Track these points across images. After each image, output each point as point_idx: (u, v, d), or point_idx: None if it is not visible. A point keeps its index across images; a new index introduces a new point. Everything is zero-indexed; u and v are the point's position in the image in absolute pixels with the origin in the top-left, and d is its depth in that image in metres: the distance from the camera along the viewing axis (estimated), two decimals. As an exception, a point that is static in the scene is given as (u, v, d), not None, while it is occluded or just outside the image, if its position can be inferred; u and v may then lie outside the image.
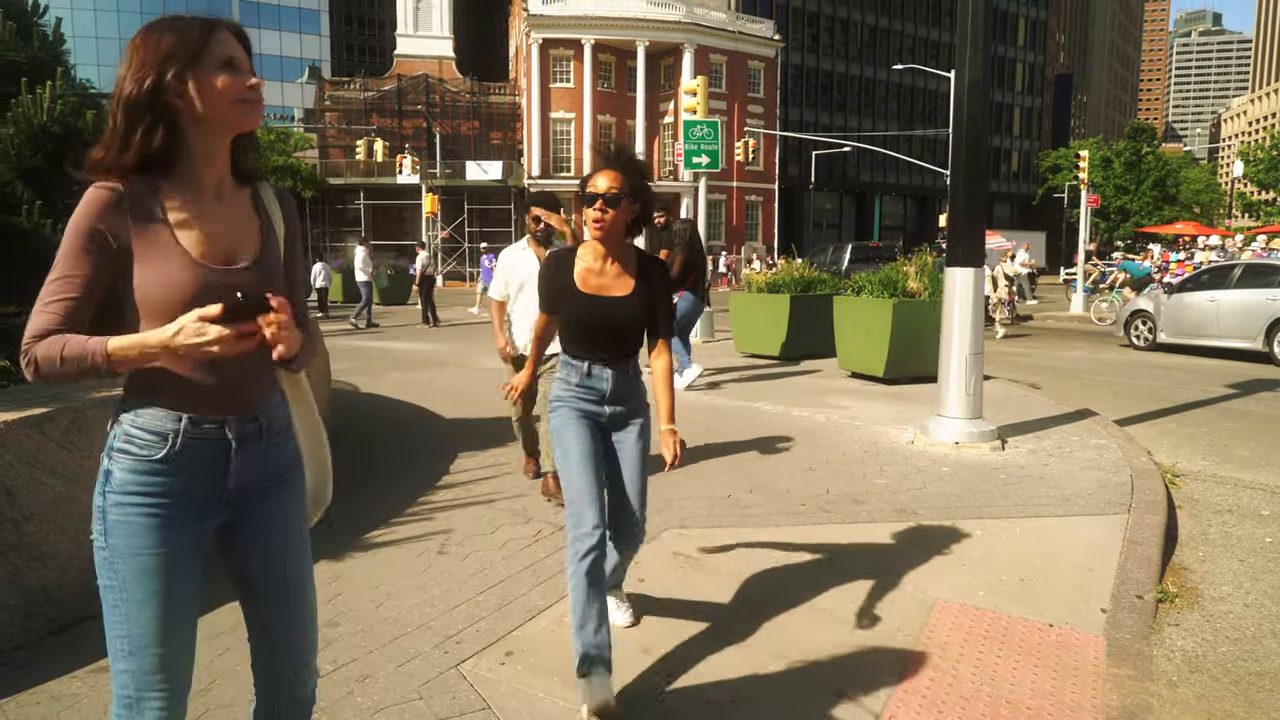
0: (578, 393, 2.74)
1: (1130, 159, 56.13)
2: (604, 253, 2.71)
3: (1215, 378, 10.24)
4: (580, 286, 2.69)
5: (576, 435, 2.70)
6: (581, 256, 2.75)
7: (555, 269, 2.76)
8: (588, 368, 2.72)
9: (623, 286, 2.70)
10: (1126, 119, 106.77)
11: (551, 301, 2.81)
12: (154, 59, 1.50)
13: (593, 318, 2.69)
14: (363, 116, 48.62)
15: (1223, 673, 2.99)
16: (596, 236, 2.64)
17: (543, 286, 2.84)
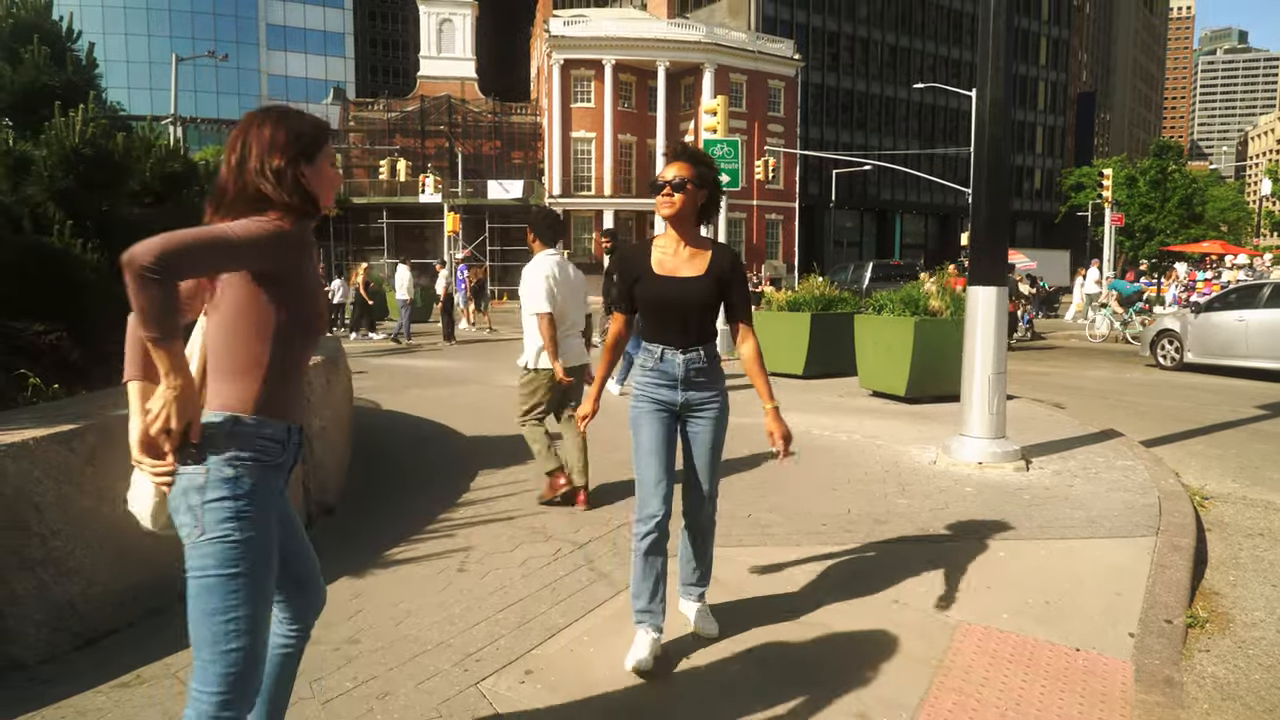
0: (652, 378, 2.94)
1: (1155, 177, 55.61)
2: (677, 238, 2.92)
3: (1244, 398, 10.08)
4: (655, 269, 2.89)
5: (649, 427, 2.91)
6: (657, 245, 2.96)
7: (631, 258, 2.95)
8: (661, 352, 2.91)
9: (694, 268, 2.89)
10: (1151, 137, 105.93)
11: (627, 295, 2.95)
12: (290, 146, 1.84)
13: (663, 297, 2.87)
14: (386, 137, 49.26)
15: (1256, 701, 2.93)
16: (666, 215, 2.86)
17: (618, 280, 2.97)
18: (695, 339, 2.92)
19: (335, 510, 4.84)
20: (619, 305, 3.01)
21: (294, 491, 4.35)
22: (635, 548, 2.90)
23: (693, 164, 2.87)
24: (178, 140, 11.20)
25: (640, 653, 2.85)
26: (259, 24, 68.67)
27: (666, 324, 2.90)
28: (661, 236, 2.98)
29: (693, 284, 2.87)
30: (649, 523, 2.86)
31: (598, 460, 6.11)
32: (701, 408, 2.97)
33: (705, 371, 2.94)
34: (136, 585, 3.24)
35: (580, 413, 3.10)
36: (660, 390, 2.93)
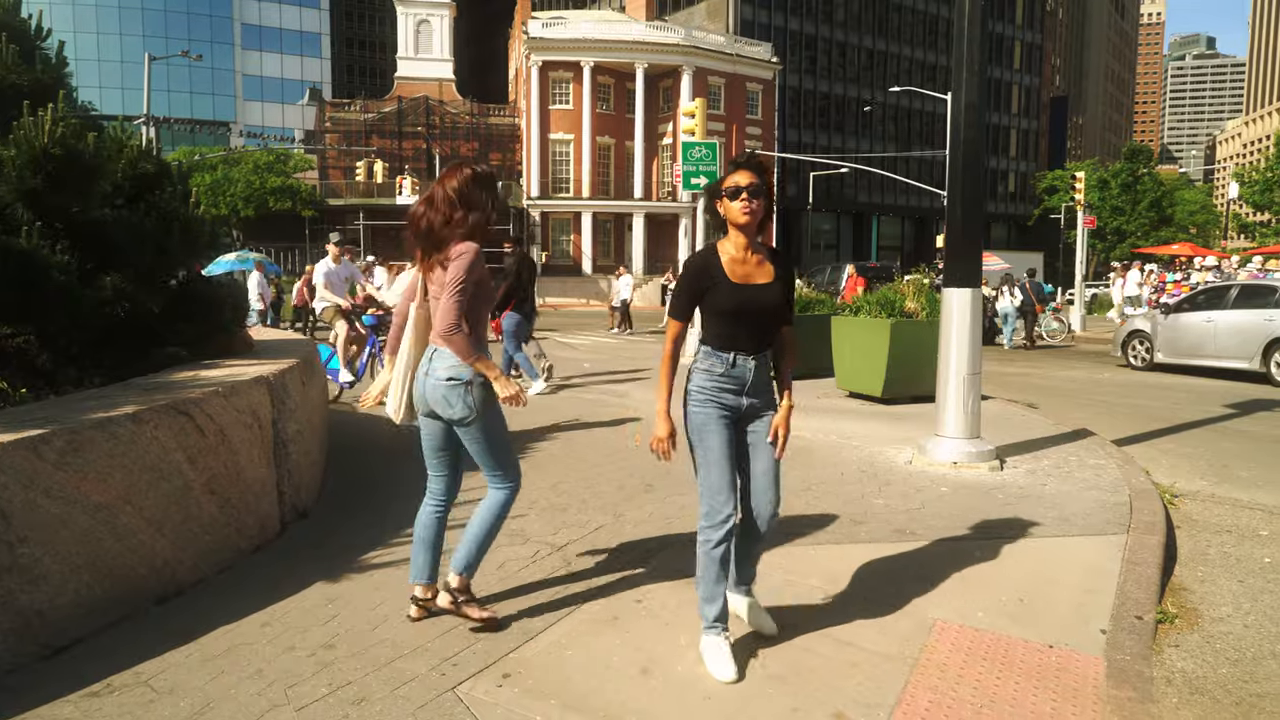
0: (721, 383, 2.94)
1: (1127, 180, 56.45)
2: (745, 244, 2.93)
3: (1213, 398, 10.25)
4: (730, 276, 2.89)
5: (719, 434, 2.93)
6: (724, 250, 2.94)
7: (703, 265, 2.92)
8: (733, 358, 2.93)
9: (765, 275, 2.95)
10: (1122, 141, 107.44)
11: (692, 304, 2.96)
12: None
13: (742, 303, 2.90)
14: (363, 138, 48.97)
15: (1224, 694, 2.98)
16: (744, 222, 2.87)
17: (685, 287, 2.96)
18: (766, 344, 3.00)
19: (310, 514, 4.80)
20: (681, 313, 2.98)
21: (267, 496, 4.31)
22: (709, 554, 2.90)
23: (759, 173, 2.91)
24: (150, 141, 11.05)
25: (729, 662, 2.87)
26: (234, 23, 67.98)
27: (741, 330, 2.92)
28: (725, 241, 2.96)
29: (768, 290, 2.94)
30: (723, 528, 2.88)
31: (564, 468, 6.12)
32: (764, 412, 3.03)
33: (768, 374, 3.05)
34: (106, 592, 3.19)
35: (659, 434, 2.96)
36: (727, 395, 2.95)
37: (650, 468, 5.97)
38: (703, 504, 2.93)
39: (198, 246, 5.48)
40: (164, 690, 2.75)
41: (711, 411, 2.94)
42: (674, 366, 3.00)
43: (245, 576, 3.80)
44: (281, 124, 67.51)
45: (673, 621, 3.32)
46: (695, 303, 2.95)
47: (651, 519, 4.68)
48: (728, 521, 2.88)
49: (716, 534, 2.88)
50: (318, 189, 48.27)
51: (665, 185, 48.89)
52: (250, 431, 4.10)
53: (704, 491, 2.92)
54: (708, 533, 2.90)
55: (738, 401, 2.96)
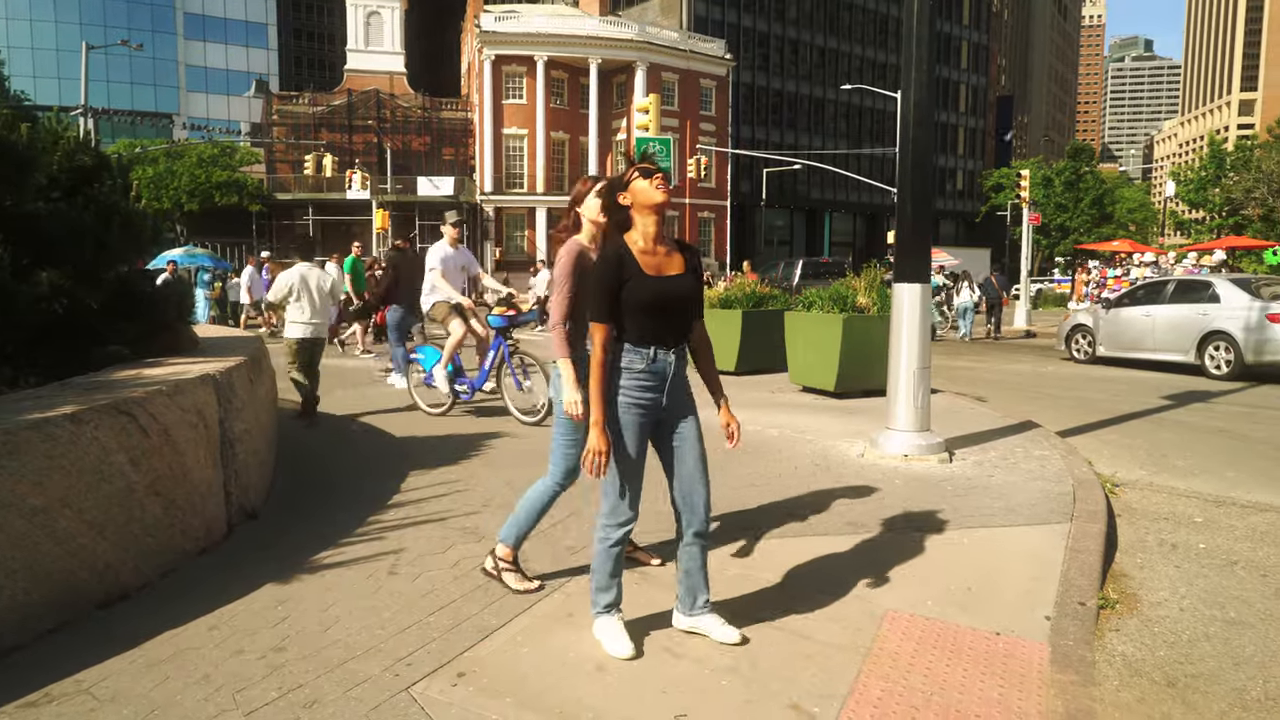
0: (641, 380, 2.91)
1: (1070, 178, 57.97)
2: (655, 234, 2.92)
3: (1151, 389, 10.58)
4: (644, 268, 2.87)
5: (636, 439, 2.93)
6: (633, 243, 2.91)
7: (616, 258, 2.86)
8: (654, 353, 2.91)
9: (676, 265, 2.95)
10: (1065, 140, 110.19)
11: (612, 305, 2.87)
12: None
13: (662, 296, 2.87)
14: (311, 131, 48.03)
15: (1161, 676, 3.08)
16: (663, 200, 2.88)
17: (602, 288, 2.86)
18: (684, 338, 3.00)
19: (259, 515, 4.71)
20: (605, 313, 2.85)
21: (214, 497, 4.22)
22: (609, 551, 2.99)
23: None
24: (88, 133, 10.68)
25: (625, 640, 2.98)
26: (176, 12, 66.06)
27: (661, 324, 2.90)
28: (631, 235, 2.91)
29: (682, 281, 2.93)
30: (624, 528, 2.99)
31: (520, 464, 6.09)
32: (685, 408, 3.02)
33: (684, 369, 3.03)
34: (45, 598, 3.09)
35: (597, 449, 2.84)
36: (648, 394, 2.92)
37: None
38: (606, 502, 2.98)
39: (140, 242, 5.33)
40: (105, 698, 2.68)
41: (633, 416, 2.91)
42: (609, 373, 2.89)
43: (191, 579, 3.72)
44: (227, 116, 65.89)
45: (628, 619, 3.32)
46: (614, 299, 2.86)
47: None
48: (629, 523, 2.99)
49: (617, 533, 2.98)
50: (265, 183, 47.24)
51: (620, 181, 48.82)
52: (196, 431, 4.01)
53: (610, 490, 2.96)
54: (609, 530, 2.98)
55: (657, 400, 2.94)
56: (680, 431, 3.02)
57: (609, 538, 2.99)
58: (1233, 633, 3.45)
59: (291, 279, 7.72)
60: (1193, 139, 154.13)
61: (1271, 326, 11.17)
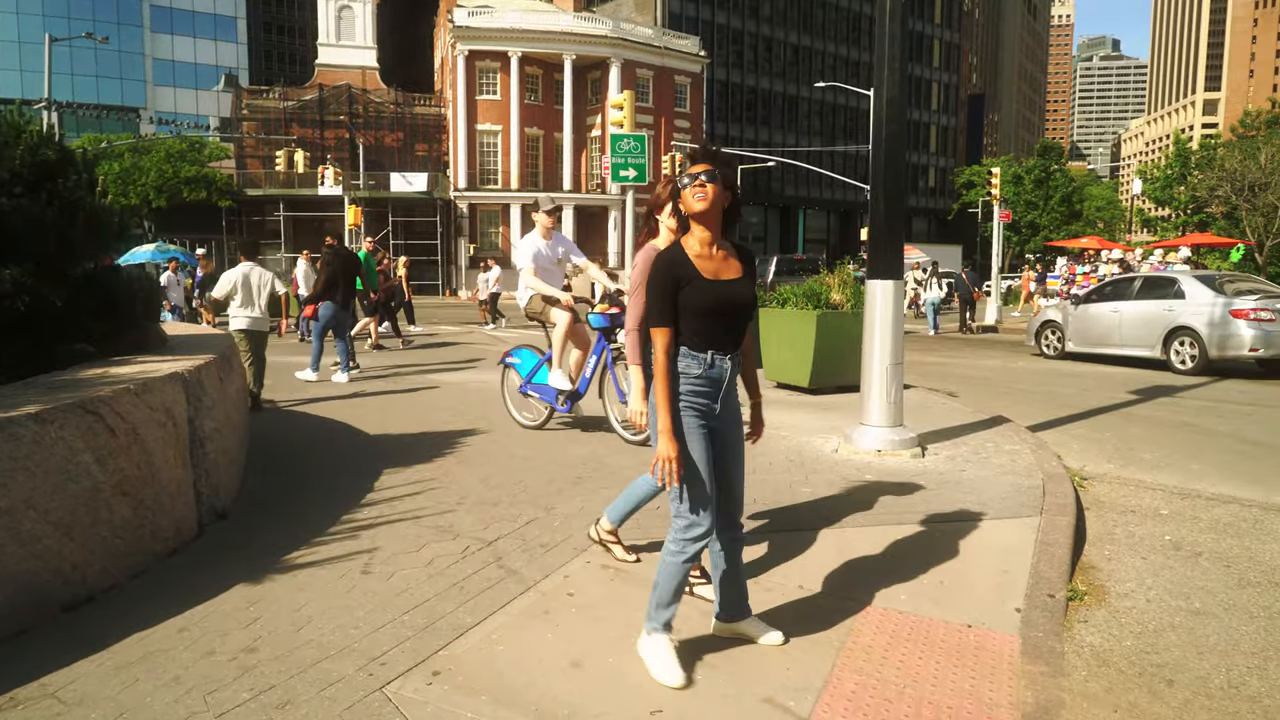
0: (697, 386, 2.81)
1: (1039, 176, 58.71)
2: (709, 239, 2.81)
3: (1119, 384, 10.75)
4: (702, 273, 2.76)
5: (701, 442, 2.81)
6: (689, 246, 2.81)
7: (673, 260, 2.77)
8: (711, 358, 2.81)
9: (733, 270, 2.84)
10: (1035, 138, 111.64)
11: (672, 305, 2.75)
12: None
13: (721, 301, 2.78)
14: (282, 126, 47.48)
15: (1128, 665, 3.13)
16: (701, 210, 2.75)
17: (658, 292, 2.76)
18: (739, 343, 2.91)
19: (230, 514, 4.65)
20: (666, 318, 2.75)
21: (183, 497, 4.16)
22: (682, 566, 2.81)
23: (713, 161, 2.80)
24: (52, 126, 10.44)
25: (677, 666, 2.79)
26: (142, 4, 64.96)
27: (719, 329, 2.80)
28: (689, 238, 2.82)
29: (741, 285, 2.84)
30: (702, 541, 2.81)
31: (493, 462, 6.07)
32: (734, 413, 2.96)
33: (736, 379, 2.98)
34: (9, 600, 3.04)
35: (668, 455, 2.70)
36: (702, 400, 2.82)
37: (578, 461, 5.97)
38: (683, 516, 2.80)
39: (105, 238, 5.24)
40: (72, 701, 2.63)
41: (692, 419, 2.79)
42: (674, 378, 2.79)
43: (161, 581, 3.66)
44: (195, 111, 64.94)
45: (605, 616, 3.32)
46: (674, 302, 2.74)
47: (582, 512, 4.68)
48: (708, 535, 2.81)
49: (694, 547, 2.79)
50: (235, 179, 46.60)
51: (594, 177, 48.77)
52: (164, 430, 3.95)
53: (685, 503, 2.79)
54: (685, 545, 2.79)
55: (711, 407, 2.84)
56: (733, 438, 2.94)
57: (684, 552, 2.80)
58: (1197, 623, 3.52)
59: (235, 277, 8.45)
60: (1159, 137, 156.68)
61: (1235, 322, 11.40)
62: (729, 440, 2.94)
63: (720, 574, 3.04)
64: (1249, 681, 3.01)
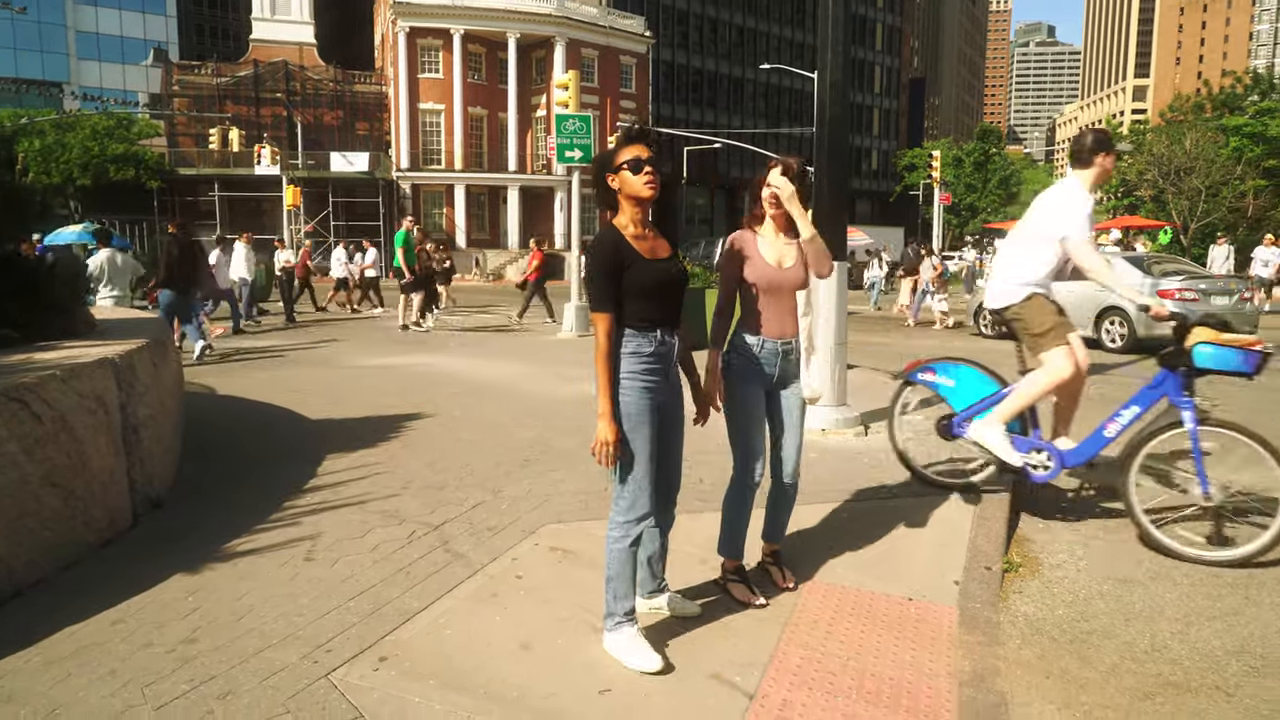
0: (650, 364, 2.80)
1: (979, 159, 59.98)
2: (642, 219, 2.85)
3: (1053, 363, 11.06)
4: (642, 254, 2.80)
5: (651, 426, 2.80)
6: (624, 228, 2.82)
7: (616, 250, 2.76)
8: (661, 335, 2.83)
9: (665, 249, 2.90)
10: (974, 121, 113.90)
11: (616, 289, 2.74)
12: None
13: (662, 279, 2.82)
14: (216, 103, 45.96)
15: (1059, 633, 3.26)
16: (650, 196, 2.79)
17: (603, 275, 2.73)
18: (679, 321, 2.96)
19: (166, 503, 4.52)
20: (610, 302, 2.74)
21: (116, 486, 4.03)
22: (628, 551, 2.82)
23: (653, 146, 2.84)
24: (-35, 101, 9.83)
25: (651, 651, 2.79)
26: (62, -26, 61.96)
27: (663, 307, 2.83)
28: (621, 219, 2.82)
29: (675, 264, 2.90)
30: (644, 523, 2.84)
31: (440, 445, 6.02)
32: (678, 391, 3.01)
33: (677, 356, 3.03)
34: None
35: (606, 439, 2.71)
36: (655, 378, 2.82)
37: (525, 444, 5.94)
38: (625, 497, 2.79)
39: (26, 218, 5.03)
40: (1, 699, 2.55)
41: (646, 402, 2.78)
42: (615, 363, 2.76)
43: (94, 573, 3.56)
44: (123, 86, 62.30)
45: (554, 598, 3.33)
46: (618, 286, 2.74)
47: (530, 495, 4.67)
48: (648, 518, 2.82)
49: (638, 528, 2.80)
50: (166, 157, 44.98)
51: (540, 158, 48.29)
52: (95, 418, 3.82)
53: (628, 484, 2.78)
54: (628, 527, 2.79)
55: (662, 384, 2.84)
56: (674, 416, 2.96)
57: (629, 534, 2.80)
58: (1124, 590, 3.67)
59: (100, 260, 9.50)
60: (1092, 122, 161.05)
61: (1161, 302, 11.82)
62: (674, 420, 2.97)
63: (648, 553, 3.08)
64: (1171, 645, 3.15)
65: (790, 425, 3.36)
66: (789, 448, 3.36)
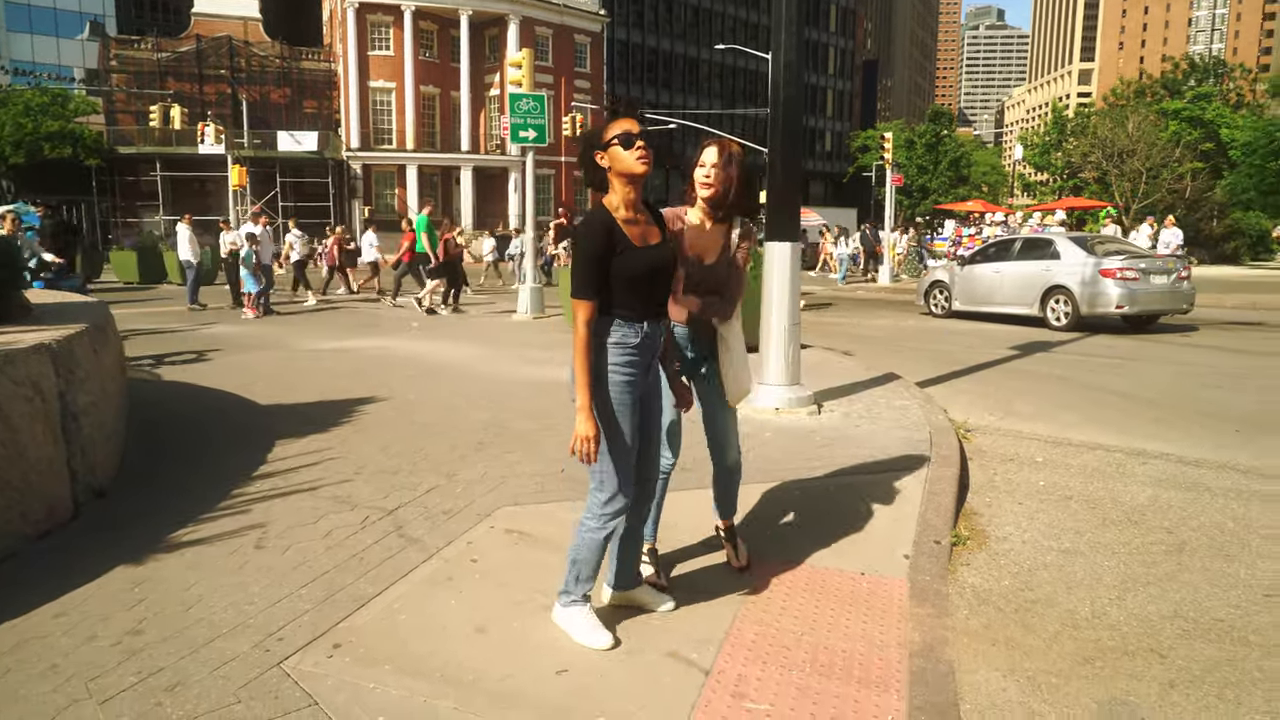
0: (633, 355, 2.69)
1: (930, 141, 60.75)
2: (635, 200, 2.71)
3: (1001, 341, 11.33)
4: (631, 239, 2.66)
5: (631, 419, 2.72)
6: (615, 211, 2.68)
7: (605, 228, 2.63)
8: (646, 325, 2.71)
9: (655, 234, 2.76)
10: (926, 104, 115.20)
11: (602, 275, 2.61)
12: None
13: (653, 267, 2.70)
14: (157, 80, 44.46)
15: (1005, 603, 3.35)
16: (643, 173, 2.66)
17: (592, 260, 2.60)
18: (665, 309, 2.89)
19: (108, 493, 4.41)
20: (594, 289, 2.65)
21: (56, 475, 3.92)
22: (603, 542, 2.80)
23: (640, 121, 2.72)
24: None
25: (603, 629, 2.81)
26: (-11, -58, 59.23)
27: (651, 296, 2.76)
28: (612, 199, 2.69)
29: (665, 250, 2.78)
30: (622, 515, 2.82)
31: (393, 429, 5.96)
32: (658, 383, 2.95)
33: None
34: None
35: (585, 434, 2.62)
36: (637, 370, 2.73)
37: (480, 426, 5.91)
38: (604, 489, 2.73)
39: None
40: (-63, 696, 2.47)
41: (629, 395, 2.69)
42: (594, 355, 2.64)
43: (33, 565, 3.46)
44: (57, 61, 59.88)
45: (509, 580, 3.32)
46: (605, 272, 2.61)
47: (485, 478, 4.65)
48: (626, 510, 2.78)
49: (615, 521, 2.77)
50: (105, 135, 43.47)
51: (494, 138, 47.72)
52: (31, 405, 3.70)
53: (606, 477, 2.72)
54: (605, 520, 2.75)
55: (644, 377, 2.76)
56: (656, 399, 2.90)
57: (606, 527, 2.76)
58: (1066, 561, 3.78)
59: None
60: (1039, 105, 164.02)
61: (1104, 281, 12.13)
62: (653, 411, 2.90)
63: (621, 542, 3.01)
64: (1110, 612, 3.26)
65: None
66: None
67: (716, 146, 3.10)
